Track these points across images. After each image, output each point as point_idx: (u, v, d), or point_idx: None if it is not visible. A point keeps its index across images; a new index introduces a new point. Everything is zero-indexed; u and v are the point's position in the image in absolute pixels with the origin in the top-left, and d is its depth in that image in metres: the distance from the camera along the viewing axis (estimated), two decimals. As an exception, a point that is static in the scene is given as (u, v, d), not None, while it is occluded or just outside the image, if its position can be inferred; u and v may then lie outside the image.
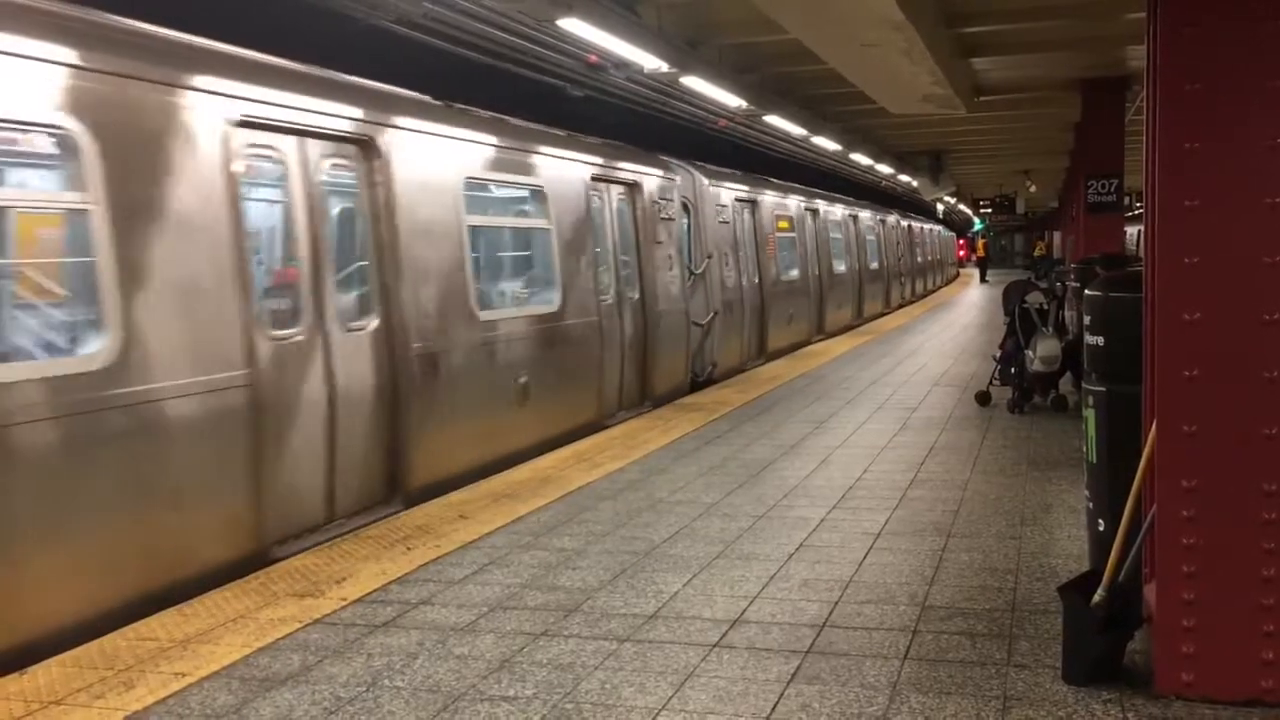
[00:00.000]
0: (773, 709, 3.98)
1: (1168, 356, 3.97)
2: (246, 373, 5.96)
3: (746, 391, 12.57)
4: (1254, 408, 3.87)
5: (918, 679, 4.22)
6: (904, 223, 32.88)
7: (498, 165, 9.05)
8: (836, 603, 5.11)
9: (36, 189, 5.80)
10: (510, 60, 11.45)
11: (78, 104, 5.12)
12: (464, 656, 4.57)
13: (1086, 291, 5.16)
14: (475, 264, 8.65)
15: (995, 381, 11.48)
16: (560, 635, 4.79)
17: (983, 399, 11.20)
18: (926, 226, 40.75)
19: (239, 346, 5.91)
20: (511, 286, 10.18)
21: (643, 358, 11.70)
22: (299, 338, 6.65)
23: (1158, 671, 4.02)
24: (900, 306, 29.93)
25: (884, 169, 27.09)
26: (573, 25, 9.41)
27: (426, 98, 8.52)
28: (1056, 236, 46.60)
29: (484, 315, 8.57)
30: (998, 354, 11.69)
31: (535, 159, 9.63)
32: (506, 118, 9.64)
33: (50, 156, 5.31)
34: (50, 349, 5.35)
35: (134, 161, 5.41)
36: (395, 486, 7.33)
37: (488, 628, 4.91)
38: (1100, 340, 4.94)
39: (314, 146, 6.86)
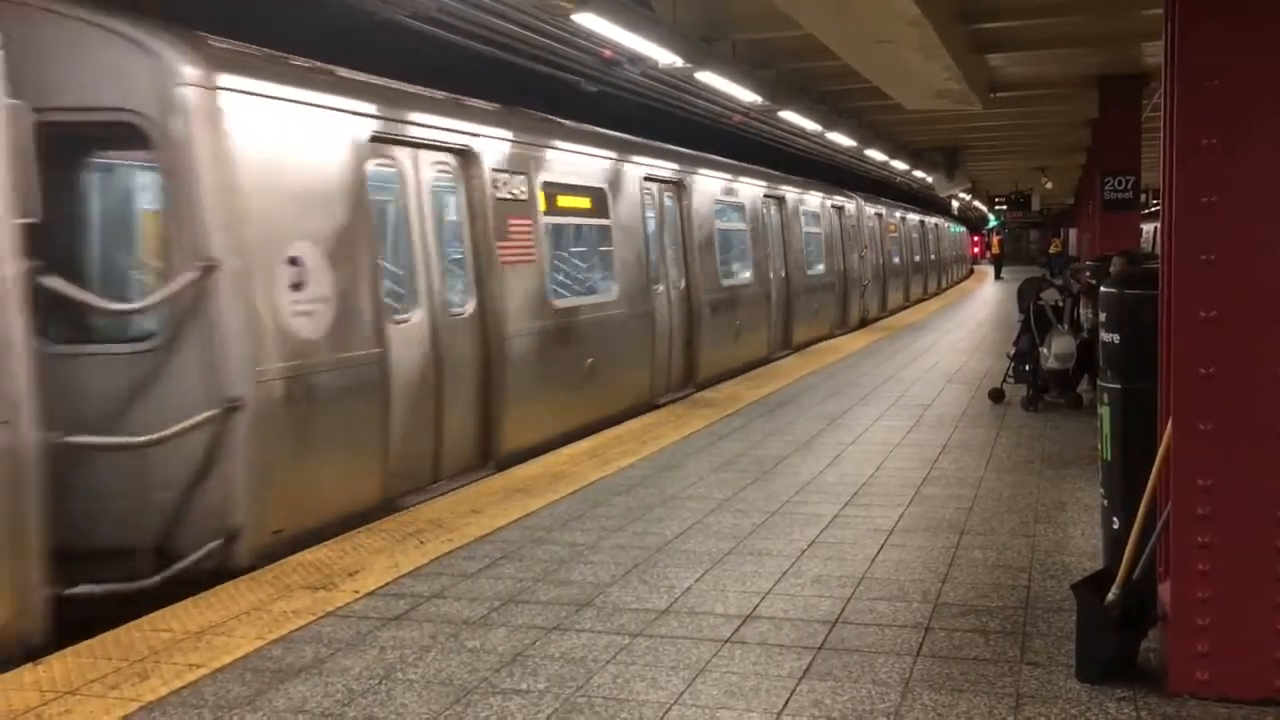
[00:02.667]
0: (784, 705, 3.98)
1: (1184, 354, 3.95)
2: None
3: (759, 387, 12.56)
4: (1270, 405, 3.85)
5: (930, 676, 4.21)
6: (945, 224, 41.03)
7: (811, 203, 19.41)
8: (849, 599, 5.11)
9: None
10: (525, 55, 11.45)
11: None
12: (476, 650, 4.58)
13: (1102, 288, 5.14)
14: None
15: (1009, 379, 11.45)
16: (572, 629, 4.80)
17: (996, 396, 11.16)
18: (948, 224, 43.10)
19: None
20: (814, 267, 19.34)
21: (843, 302, 21.58)
22: None
23: (1172, 670, 4.01)
24: (950, 288, 38.58)
25: (899, 165, 27.01)
26: (587, 20, 9.40)
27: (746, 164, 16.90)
28: (1072, 234, 46.38)
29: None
30: (1012, 351, 11.66)
31: (823, 199, 20.31)
32: (814, 181, 20.69)
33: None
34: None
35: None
36: None
37: (500, 621, 4.92)
38: (1116, 337, 4.92)
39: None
